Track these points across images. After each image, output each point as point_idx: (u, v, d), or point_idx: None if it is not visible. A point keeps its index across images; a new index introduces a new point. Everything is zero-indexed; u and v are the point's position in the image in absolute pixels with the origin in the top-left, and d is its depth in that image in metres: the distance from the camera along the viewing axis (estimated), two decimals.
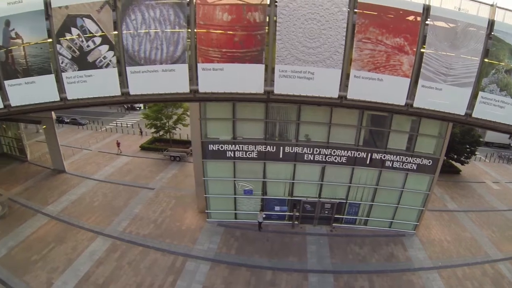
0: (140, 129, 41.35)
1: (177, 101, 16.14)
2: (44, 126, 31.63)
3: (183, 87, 14.59)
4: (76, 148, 33.76)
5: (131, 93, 14.71)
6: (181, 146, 32.03)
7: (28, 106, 16.25)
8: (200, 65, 14.39)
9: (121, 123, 47.99)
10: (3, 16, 15.27)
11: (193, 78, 14.47)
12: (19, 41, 15.70)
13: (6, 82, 15.84)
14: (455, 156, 27.31)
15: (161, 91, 14.86)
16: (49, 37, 15.30)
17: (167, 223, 19.39)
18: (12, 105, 15.87)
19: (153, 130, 32.12)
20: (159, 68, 14.61)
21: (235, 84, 14.30)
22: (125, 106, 54.92)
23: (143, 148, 32.63)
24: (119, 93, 14.87)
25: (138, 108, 54.92)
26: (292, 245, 17.65)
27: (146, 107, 46.03)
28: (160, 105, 29.49)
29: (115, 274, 16.14)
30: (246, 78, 14.28)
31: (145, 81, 14.79)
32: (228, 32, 14.27)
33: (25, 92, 16.00)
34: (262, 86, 14.17)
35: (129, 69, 14.55)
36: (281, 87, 14.10)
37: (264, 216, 18.00)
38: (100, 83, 15.05)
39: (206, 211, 18.85)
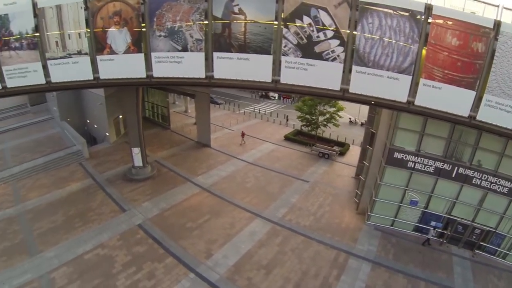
0: (287, 118, 48.41)
1: (388, 108, 19.54)
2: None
3: (401, 97, 17.95)
4: (218, 125, 37.18)
5: (351, 91, 18.03)
6: (325, 143, 36.05)
7: (230, 81, 18.97)
8: (422, 81, 17.94)
9: (259, 109, 56.22)
10: None
11: (411, 90, 17.64)
12: (241, 16, 18.57)
13: (216, 54, 18.62)
14: None
15: (379, 95, 18.49)
16: (276, 19, 17.78)
17: (327, 218, 23.25)
18: (215, 76, 18.58)
19: (303, 123, 35.20)
20: (385, 74, 18.17)
21: (446, 104, 17.91)
22: (260, 93, 64.77)
23: (287, 138, 36.16)
24: (338, 88, 18.03)
25: (272, 98, 64.40)
26: (441, 262, 22.10)
27: (294, 100, 57.48)
28: (316, 101, 32.60)
29: (279, 259, 19.94)
30: (457, 100, 18.07)
31: (367, 82, 18.47)
32: (453, 56, 17.47)
33: (234, 67, 18.98)
34: (468, 110, 17.78)
35: (355, 68, 17.97)
36: (484, 115, 18.16)
37: (434, 233, 21.71)
38: (321, 74, 18.51)
39: (368, 213, 22.28)
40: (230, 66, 19.55)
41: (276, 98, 65.75)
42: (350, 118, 51.88)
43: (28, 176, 31.06)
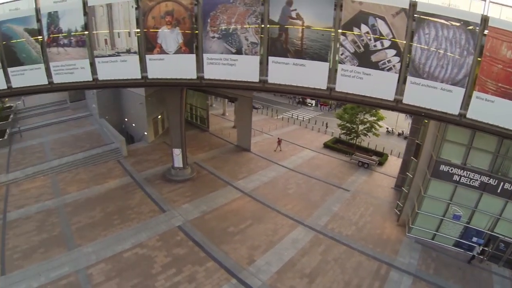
0: (326, 125, 49.63)
1: (439, 120, 19.58)
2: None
3: (453, 109, 18.08)
4: (257, 130, 37.66)
5: (404, 101, 18.13)
6: (363, 152, 36.02)
7: (285, 86, 19.05)
8: (475, 93, 18.21)
9: (297, 116, 57.42)
10: None
11: (463, 103, 17.70)
12: (298, 22, 18.52)
13: (271, 58, 18.71)
14: None
15: (432, 107, 18.49)
16: (334, 26, 17.85)
17: (368, 228, 23.16)
18: (269, 81, 18.57)
19: (343, 131, 35.30)
20: (439, 86, 18.20)
21: (498, 117, 18.04)
22: (297, 100, 67.31)
23: (327, 146, 36.24)
24: (392, 98, 18.08)
25: (309, 104, 66.41)
26: (481, 280, 22.05)
27: (331, 107, 60.90)
28: (356, 109, 32.73)
29: (322, 268, 19.92)
30: (509, 114, 18.05)
31: (420, 93, 18.66)
32: (508, 69, 17.70)
33: (289, 72, 18.96)
34: None
35: (410, 78, 17.97)
36: None
37: (479, 250, 21.53)
38: (376, 84, 18.54)
39: (410, 225, 22.18)
40: (285, 71, 19.60)
41: (313, 105, 67.05)
42: (387, 128, 51.97)
43: (67, 170, 31.75)
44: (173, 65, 21.16)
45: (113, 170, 31.96)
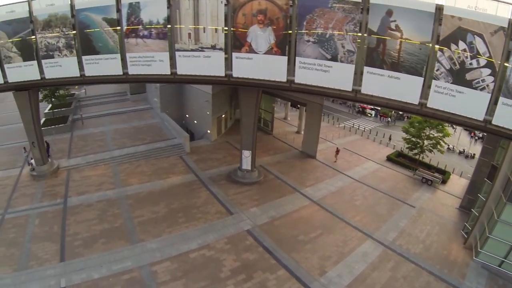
0: (390, 138, 49.55)
1: None
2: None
3: None
4: (321, 138, 37.37)
5: (494, 122, 17.94)
6: (425, 168, 35.67)
7: (377, 98, 19.18)
8: None
9: (359, 125, 57.35)
10: (385, 5, 17.75)
11: None
12: (397, 33, 18.42)
13: (366, 69, 18.62)
14: None
15: None
16: (431, 41, 17.95)
17: (435, 248, 22.95)
18: (362, 91, 18.50)
19: (408, 145, 34.97)
20: None
21: None
22: (357, 109, 66.97)
23: (389, 159, 35.77)
24: (481, 119, 18.09)
25: (369, 115, 66.19)
26: None
27: (391, 119, 61.27)
28: (424, 124, 32.56)
29: (391, 285, 19.75)
30: None
31: (511, 115, 17.83)
32: None
33: (383, 84, 19.04)
34: None
35: (502, 99, 17.93)
36: None
37: None
38: (468, 103, 18.30)
39: (479, 249, 22.00)
40: (378, 83, 19.47)
41: (373, 115, 66.90)
42: (448, 145, 50.57)
43: (128, 161, 31.30)
44: (262, 66, 20.87)
45: (176, 166, 31.47)
